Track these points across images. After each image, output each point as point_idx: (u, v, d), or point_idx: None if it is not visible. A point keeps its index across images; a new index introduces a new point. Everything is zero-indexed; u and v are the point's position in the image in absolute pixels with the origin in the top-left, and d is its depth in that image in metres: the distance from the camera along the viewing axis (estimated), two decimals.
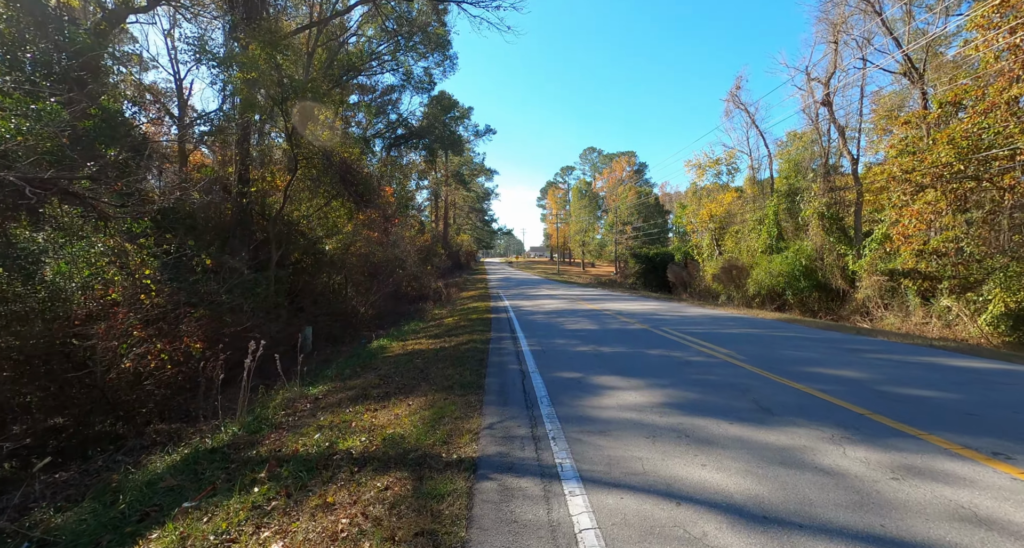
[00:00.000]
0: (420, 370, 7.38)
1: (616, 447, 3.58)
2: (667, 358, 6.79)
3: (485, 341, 9.17)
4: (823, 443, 3.59)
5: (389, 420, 4.98)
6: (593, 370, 6.28)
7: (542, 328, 10.53)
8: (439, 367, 7.36)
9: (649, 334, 9.19)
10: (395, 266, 19.71)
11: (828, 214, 24.81)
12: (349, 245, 17.06)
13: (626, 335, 9.09)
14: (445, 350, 8.80)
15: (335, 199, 14.23)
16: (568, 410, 4.59)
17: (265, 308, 12.35)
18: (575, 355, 7.34)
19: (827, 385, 5.25)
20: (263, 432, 5.40)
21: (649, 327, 10.06)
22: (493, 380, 6.02)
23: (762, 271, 26.06)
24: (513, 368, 6.68)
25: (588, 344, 8.25)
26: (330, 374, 8.60)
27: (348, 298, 18.44)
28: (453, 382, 6.13)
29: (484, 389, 5.62)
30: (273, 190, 15.01)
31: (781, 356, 6.95)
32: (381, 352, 10.29)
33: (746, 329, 9.99)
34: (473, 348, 8.51)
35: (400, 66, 24.64)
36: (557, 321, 11.72)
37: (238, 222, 14.41)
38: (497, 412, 4.69)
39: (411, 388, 6.30)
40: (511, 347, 8.36)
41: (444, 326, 12.68)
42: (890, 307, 21.29)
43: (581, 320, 11.76)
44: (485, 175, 55.10)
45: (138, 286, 8.01)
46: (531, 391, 5.36)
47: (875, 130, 25.50)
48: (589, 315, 12.78)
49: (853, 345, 8.15)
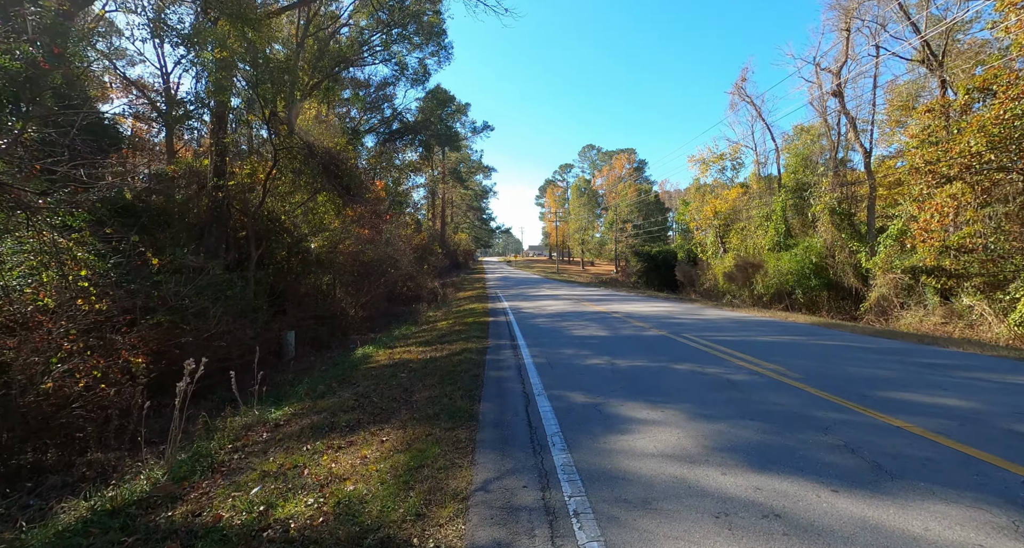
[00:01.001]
0: (403, 389, 6.15)
1: (672, 536, 2.34)
2: (702, 376, 5.56)
3: (482, 350, 7.93)
4: (1005, 539, 2.30)
5: (352, 467, 3.75)
6: (613, 392, 5.05)
7: (546, 334, 9.30)
8: (426, 384, 6.12)
9: (670, 342, 7.97)
10: (388, 265, 18.45)
11: (839, 209, 23.63)
12: (337, 243, 15.80)
13: (644, 344, 7.86)
14: (435, 361, 7.56)
15: (320, 193, 12.98)
16: (590, 458, 3.36)
17: (239, 312, 11.09)
18: (587, 370, 6.10)
19: (934, 420, 3.99)
20: (195, 477, 4.15)
21: (668, 334, 8.84)
22: (489, 406, 4.78)
23: (770, 269, 24.89)
24: (514, 387, 5.44)
25: (601, 355, 7.02)
26: (301, 391, 7.36)
27: (337, 299, 17.19)
28: (440, 408, 4.89)
29: (478, 420, 4.39)
30: (256, 184, 13.75)
31: (845, 374, 5.68)
32: (364, 362, 9.04)
33: (781, 336, 8.75)
34: (467, 359, 7.27)
35: (393, 57, 23.34)
36: (562, 326, 10.49)
37: (214, 218, 13.14)
38: (494, 460, 3.46)
39: (389, 414, 5.06)
40: (511, 358, 7.13)
41: (437, 331, 11.44)
42: (907, 306, 20.14)
43: (589, 324, 10.53)
44: (483, 173, 53.87)
45: (75, 289, 6.75)
46: (538, 425, 4.13)
47: (888, 122, 24.31)
48: (597, 318, 11.55)
49: (924, 357, 6.81)
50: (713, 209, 29.75)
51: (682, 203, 34.37)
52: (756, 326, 10.03)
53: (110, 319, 7.49)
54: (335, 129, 15.55)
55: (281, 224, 14.12)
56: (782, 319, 11.68)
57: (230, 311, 10.77)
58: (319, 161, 11.61)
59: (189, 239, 13.37)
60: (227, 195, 13.15)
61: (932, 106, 16.64)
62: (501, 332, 9.89)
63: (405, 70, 23.40)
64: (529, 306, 15.41)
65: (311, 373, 10.58)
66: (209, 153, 13.49)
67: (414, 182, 44.49)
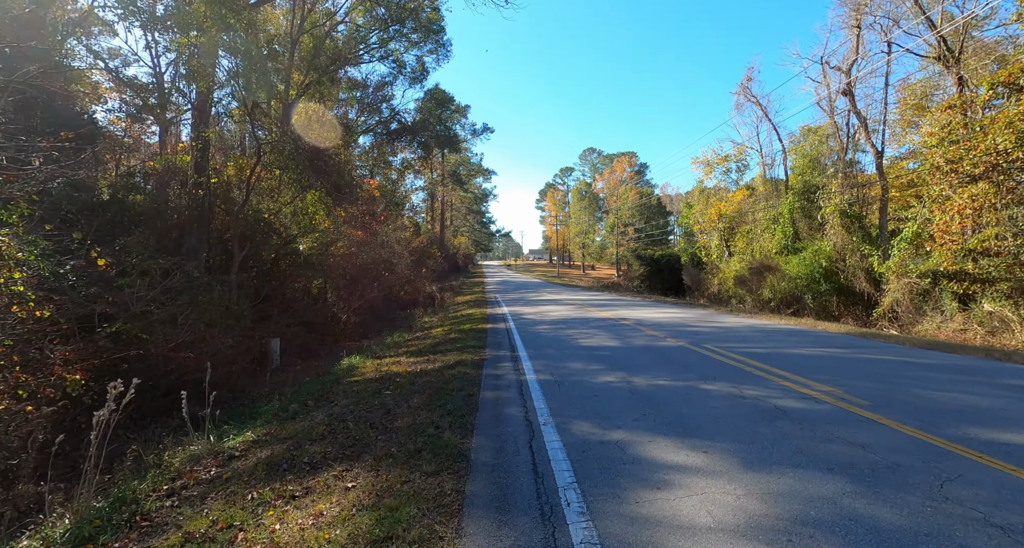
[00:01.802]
0: (385, 411, 5.20)
1: None
2: (742, 401, 4.58)
3: (478, 363, 6.98)
4: None
5: (300, 533, 2.80)
6: (636, 421, 4.09)
7: (549, 344, 8.34)
8: (411, 406, 5.18)
9: (692, 355, 7.02)
10: (382, 269, 17.51)
11: (851, 212, 22.73)
12: (328, 245, 14.86)
13: (662, 357, 6.91)
14: (426, 375, 6.61)
15: (307, 191, 12.06)
16: (621, 530, 2.41)
17: (217, 318, 10.15)
18: (600, 390, 5.14)
19: None
20: (104, 537, 3.20)
21: (687, 344, 7.89)
22: (484, 441, 3.83)
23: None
24: (514, 413, 4.49)
25: (614, 370, 6.06)
26: (271, 409, 6.41)
27: (328, 304, 16.24)
28: (424, 441, 3.95)
29: (469, 460, 3.44)
30: (241, 182, 12.84)
31: (922, 401, 4.56)
32: (348, 374, 8.09)
33: (817, 348, 7.73)
34: (461, 374, 6.32)
35: (390, 54, 22.51)
36: (567, 334, 9.52)
37: (195, 217, 12.23)
38: (488, 530, 2.51)
39: (362, 447, 4.12)
40: (511, 373, 6.18)
41: (431, 339, 10.49)
42: (923, 312, 19.21)
43: (596, 333, 9.56)
44: (483, 175, 52.94)
45: (7, 294, 5.81)
46: (546, 470, 3.18)
47: (900, 122, 23.43)
48: (604, 326, 10.58)
49: (1008, 378, 5.63)
50: (718, 212, 28.85)
51: (685, 206, 33.47)
52: (783, 335, 9.04)
53: (58, 328, 6.55)
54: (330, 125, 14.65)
55: (268, 224, 13.20)
56: (808, 327, 10.65)
57: (205, 317, 9.83)
58: (305, 156, 10.71)
59: (168, 240, 12.48)
60: (209, 193, 12.25)
61: (953, 102, 15.76)
62: (500, 341, 8.94)
63: (403, 68, 22.57)
64: (530, 312, 14.46)
65: (294, 384, 9.65)
66: (190, 149, 12.61)
67: (413, 185, 43.66)
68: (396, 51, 22.98)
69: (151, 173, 12.59)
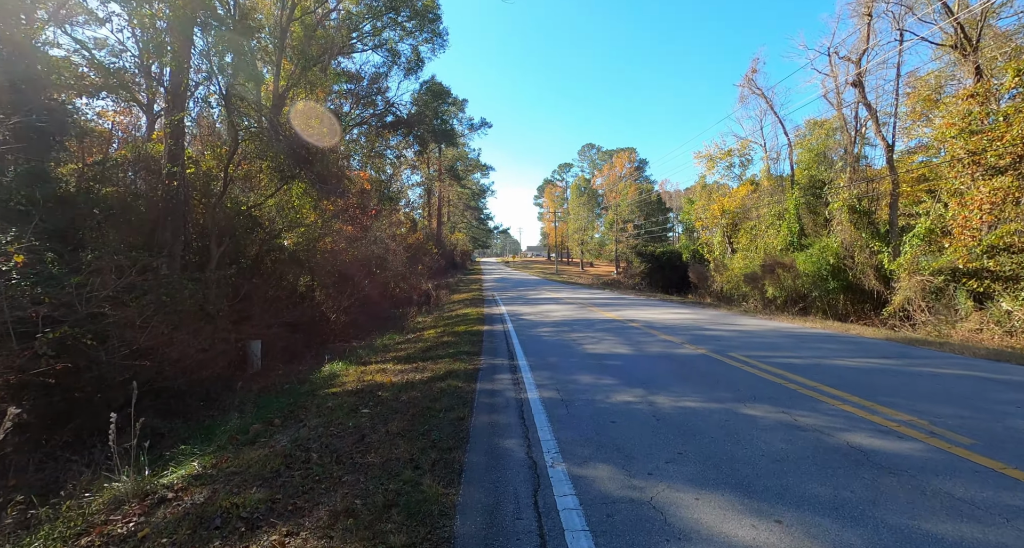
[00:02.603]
0: (358, 437, 4.27)
1: None
2: (800, 434, 3.62)
3: (471, 374, 6.04)
4: None
5: None
6: (672, 466, 3.13)
7: (552, 350, 7.40)
8: (389, 433, 4.25)
9: (719, 367, 6.10)
10: (374, 265, 16.56)
11: (859, 207, 21.84)
12: (316, 240, 13.88)
13: (685, 368, 6.00)
14: (411, 389, 5.68)
15: (289, 181, 11.10)
16: None
17: (187, 319, 9.19)
18: (619, 414, 4.21)
19: None
20: None
21: (709, 352, 6.98)
22: (475, 495, 2.89)
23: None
24: (514, 450, 3.55)
25: (631, 386, 5.13)
26: (231, 429, 5.48)
27: (316, 303, 15.28)
28: (397, 491, 3.01)
29: (453, 531, 2.50)
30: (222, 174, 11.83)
31: None
32: (327, 384, 7.17)
33: (863, 358, 6.67)
34: (452, 389, 5.38)
35: (384, 43, 21.47)
36: (570, 338, 8.58)
37: (168, 211, 11.24)
38: None
39: (318, 498, 3.18)
40: (509, 388, 5.24)
41: (423, 342, 9.56)
42: (936, 311, 18.38)
43: (603, 336, 8.62)
44: (481, 171, 51.82)
45: None
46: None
47: (911, 114, 22.48)
48: (611, 328, 9.65)
49: None
50: (721, 207, 27.92)
51: (687, 201, 32.53)
52: (815, 341, 8.06)
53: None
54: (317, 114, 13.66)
55: (251, 218, 12.21)
56: (838, 331, 9.64)
57: (174, 319, 8.88)
58: (287, 144, 9.73)
59: (140, 235, 11.51)
60: (185, 184, 11.26)
61: (975, 91, 14.83)
62: (497, 346, 8.01)
63: (397, 58, 21.53)
64: (530, 312, 13.52)
65: (272, 392, 8.73)
66: (164, 136, 11.60)
67: (410, 180, 42.61)
68: (390, 40, 21.94)
69: (121, 162, 11.57)
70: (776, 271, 19.34)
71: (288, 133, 9.85)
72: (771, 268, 19.41)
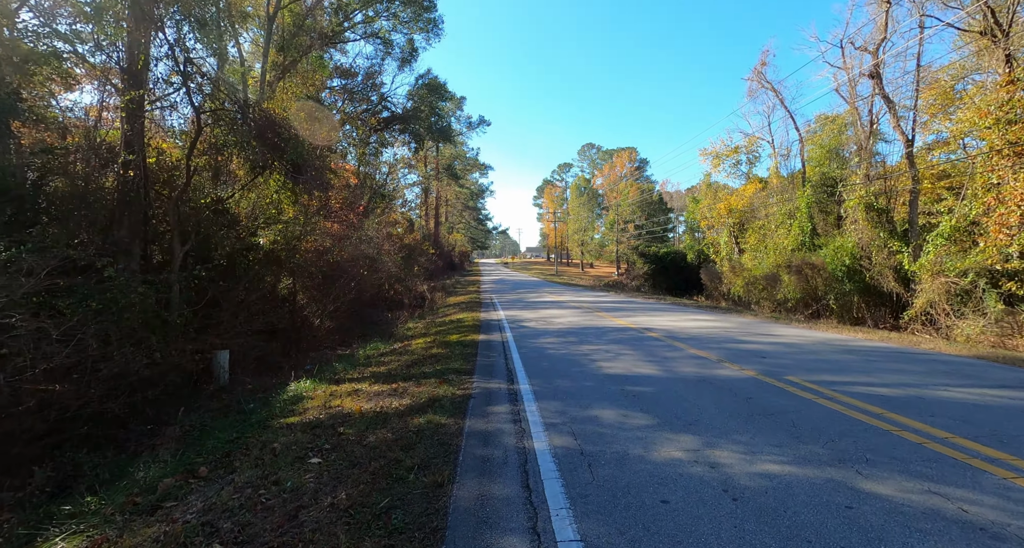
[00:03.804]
0: (288, 516, 2.93)
1: None
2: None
3: (460, 404, 4.68)
4: None
5: None
6: None
7: (560, 369, 6.03)
8: (334, 505, 2.91)
9: (783, 399, 4.65)
10: (363, 266, 15.19)
11: (877, 205, 20.52)
12: (297, 238, 12.51)
13: (738, 400, 4.62)
14: (383, 425, 4.34)
15: (262, 172, 9.75)
16: None
17: (133, 328, 7.84)
18: (673, 487, 2.79)
19: None
20: None
21: (759, 374, 5.60)
22: None
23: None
24: None
25: (675, 430, 3.74)
26: (138, 481, 4.12)
27: (299, 307, 13.92)
28: None
29: None
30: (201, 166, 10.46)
31: None
32: (285, 411, 5.83)
33: (980, 389, 5.09)
34: (432, 429, 4.03)
35: (377, 33, 20.15)
36: (580, 352, 7.20)
37: (125, 205, 9.86)
38: None
39: None
40: (509, 434, 3.86)
41: (409, 355, 8.19)
42: (962, 315, 17.06)
43: (621, 351, 7.22)
44: (479, 171, 50.39)
45: None
46: None
47: (931, 107, 21.15)
48: (627, 339, 8.26)
49: None
50: (727, 206, 26.60)
51: (691, 200, 31.21)
52: (886, 359, 6.62)
53: None
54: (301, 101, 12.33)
55: (222, 214, 10.84)
56: (907, 346, 7.82)
57: (114, 328, 7.51)
58: (254, 127, 8.38)
59: (93, 232, 10.15)
60: (145, 175, 9.90)
61: (1014, 77, 13.53)
62: (494, 362, 6.65)
63: (390, 48, 20.18)
64: (531, 318, 12.15)
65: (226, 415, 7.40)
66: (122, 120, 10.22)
67: (406, 179, 41.24)
68: (383, 29, 20.60)
69: (72, 151, 10.20)
70: (803, 272, 18.01)
71: (257, 115, 8.49)
72: (798, 269, 18.09)
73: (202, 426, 7.01)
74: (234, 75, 19.70)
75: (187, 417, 7.73)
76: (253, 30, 22.34)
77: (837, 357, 6.84)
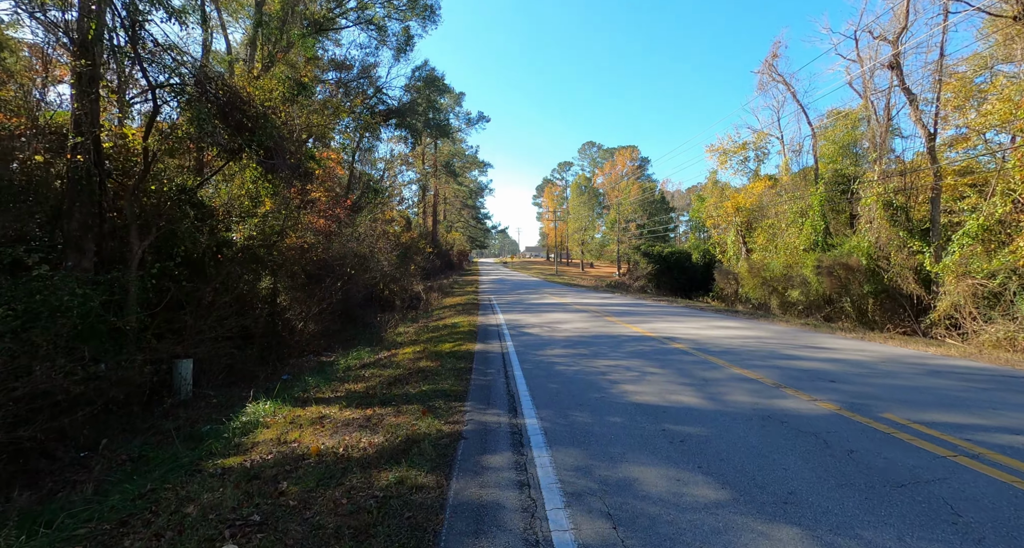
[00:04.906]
0: None
1: None
2: None
3: (446, 452, 3.44)
4: None
5: None
6: None
7: (577, 397, 4.72)
8: None
9: (913, 457, 3.24)
10: (349, 265, 13.94)
11: (896, 203, 19.32)
12: (277, 234, 11.25)
13: (827, 449, 3.34)
14: (335, 487, 3.11)
15: (233, 157, 8.50)
16: None
17: (60, 337, 6.57)
18: None
19: None
20: None
21: (843, 410, 4.25)
22: None
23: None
24: None
25: (758, 510, 2.51)
26: None
27: (279, 309, 12.66)
28: None
29: None
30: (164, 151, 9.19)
31: None
32: (228, 447, 4.59)
33: None
34: (404, 496, 2.80)
35: (370, 19, 18.89)
36: (597, 370, 5.92)
37: (76, 194, 8.59)
38: None
39: None
40: (512, 512, 2.60)
41: (393, 369, 6.94)
42: (991, 319, 15.88)
43: (646, 369, 5.91)
44: (478, 168, 48.98)
45: None
46: None
47: (953, 101, 19.91)
48: (649, 352, 6.93)
49: None
50: (735, 205, 25.37)
51: (697, 199, 29.98)
52: (989, 384, 5.31)
53: None
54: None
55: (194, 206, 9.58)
56: (1004, 366, 6.41)
57: (42, 338, 6.26)
58: (213, 103, 7.13)
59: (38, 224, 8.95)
60: (100, 161, 8.64)
61: None
62: (492, 383, 5.41)
63: (385, 35, 18.92)
64: (534, 323, 10.90)
65: (170, 442, 6.20)
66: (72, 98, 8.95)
67: (404, 176, 39.96)
68: (377, 16, 19.32)
69: (16, 133, 8.91)
70: (836, 273, 16.83)
71: (219, 90, 7.23)
72: (829, 271, 16.92)
73: (140, 456, 5.79)
74: (222, 64, 18.48)
75: (127, 443, 6.50)
76: (244, 21, 21.12)
77: (927, 382, 5.41)
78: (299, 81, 10.58)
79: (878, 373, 5.68)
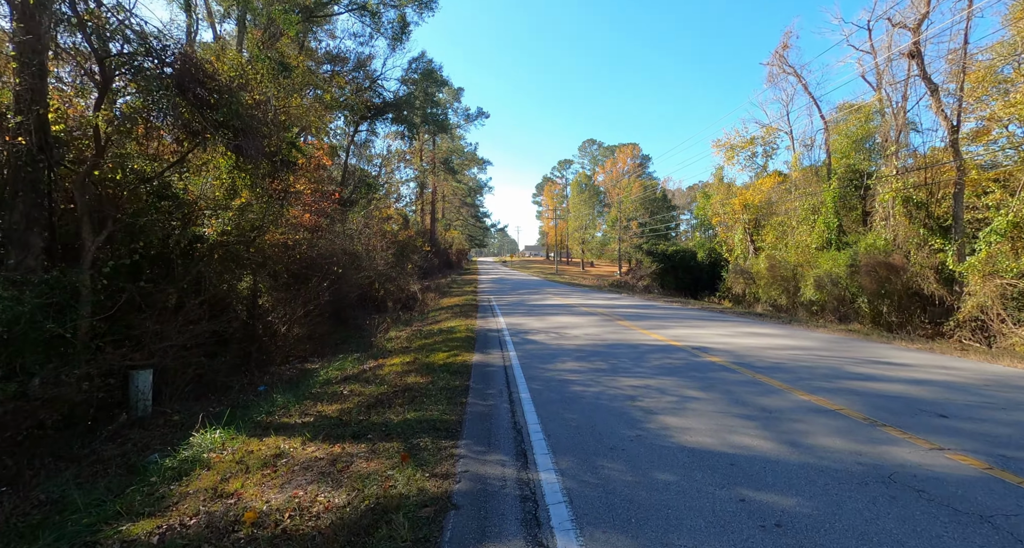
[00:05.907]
0: None
1: None
2: None
3: (424, 545, 2.32)
4: None
5: None
6: None
7: (602, 434, 3.50)
8: None
9: None
10: (340, 263, 12.82)
11: (916, 198, 18.24)
12: (254, 229, 10.12)
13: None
14: None
15: (200, 140, 7.37)
16: None
17: None
18: None
19: None
20: None
21: (990, 467, 2.93)
22: None
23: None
24: None
25: None
26: None
27: (260, 312, 11.52)
28: None
29: None
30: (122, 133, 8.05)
31: None
32: (149, 500, 3.44)
33: None
34: None
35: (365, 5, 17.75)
36: (620, 390, 4.77)
37: (19, 183, 7.45)
38: None
39: None
40: None
41: (376, 386, 5.81)
42: (1020, 322, 14.86)
43: (682, 390, 4.69)
44: (477, 166, 47.79)
45: None
46: None
47: (976, 91, 18.80)
48: (682, 368, 5.68)
49: None
50: (742, 201, 24.28)
51: (702, 196, 28.89)
52: None
53: None
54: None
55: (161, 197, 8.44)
56: None
57: None
58: (173, 78, 6.01)
59: None
60: (48, 145, 7.49)
61: None
62: (493, 412, 4.30)
63: (379, 21, 17.76)
64: (538, 327, 9.78)
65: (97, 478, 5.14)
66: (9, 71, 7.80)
67: (402, 173, 38.81)
68: (370, 3, 18.18)
69: None
70: (877, 273, 15.77)
71: (176, 61, 6.11)
72: (871, 270, 15.85)
73: (60, 497, 4.69)
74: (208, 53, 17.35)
75: (56, 475, 5.38)
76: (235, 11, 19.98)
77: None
78: (282, 61, 9.49)
79: (995, 403, 4.37)
